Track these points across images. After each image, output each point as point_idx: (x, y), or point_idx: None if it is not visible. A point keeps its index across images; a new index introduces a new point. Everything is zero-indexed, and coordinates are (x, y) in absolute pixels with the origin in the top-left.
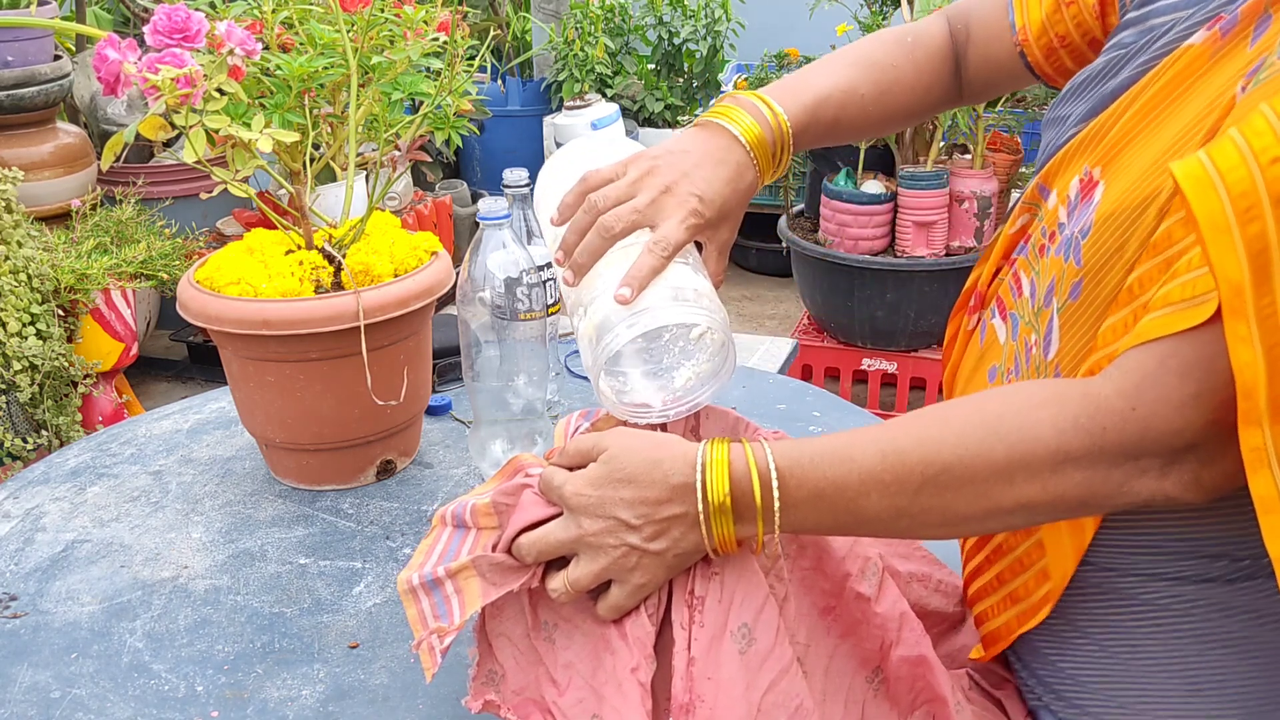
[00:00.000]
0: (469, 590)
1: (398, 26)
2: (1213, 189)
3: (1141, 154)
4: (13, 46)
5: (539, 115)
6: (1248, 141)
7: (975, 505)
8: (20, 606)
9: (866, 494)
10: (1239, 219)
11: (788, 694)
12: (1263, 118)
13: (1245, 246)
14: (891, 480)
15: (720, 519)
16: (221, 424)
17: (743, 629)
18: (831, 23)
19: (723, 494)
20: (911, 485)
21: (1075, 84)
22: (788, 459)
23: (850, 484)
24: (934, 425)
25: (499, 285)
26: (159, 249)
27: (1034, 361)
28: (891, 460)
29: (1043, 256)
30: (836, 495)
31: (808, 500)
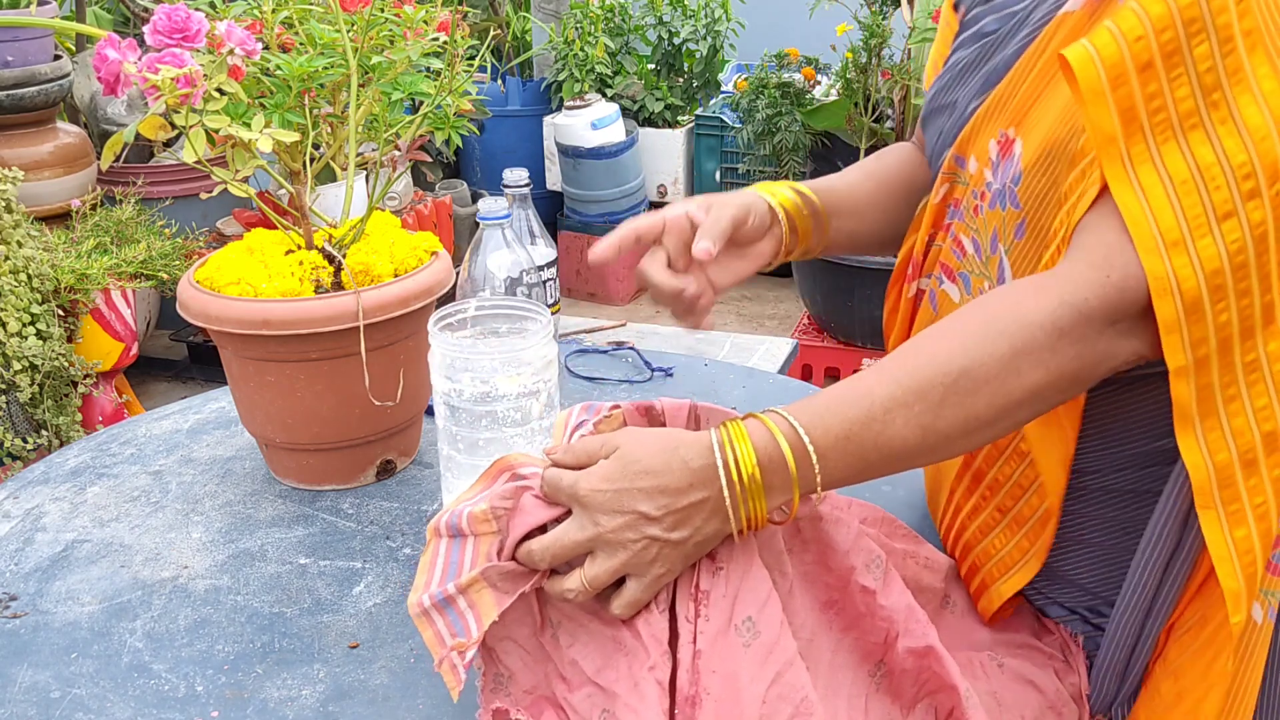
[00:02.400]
0: (483, 603)
1: (398, 26)
2: (1091, 62)
3: (1049, 107)
4: (13, 46)
5: (539, 115)
6: (1118, 26)
7: (994, 404)
8: (20, 606)
9: (892, 422)
10: (1111, 84)
11: (792, 687)
12: (1130, 10)
13: (1116, 104)
14: (915, 400)
15: (753, 493)
16: (221, 424)
17: (747, 622)
18: (831, 23)
19: (751, 466)
20: (934, 399)
21: (954, 74)
22: (806, 414)
23: (875, 417)
24: (939, 341)
25: (499, 285)
26: (159, 249)
27: None
28: (908, 383)
29: (978, 215)
30: (864, 432)
31: (836, 445)
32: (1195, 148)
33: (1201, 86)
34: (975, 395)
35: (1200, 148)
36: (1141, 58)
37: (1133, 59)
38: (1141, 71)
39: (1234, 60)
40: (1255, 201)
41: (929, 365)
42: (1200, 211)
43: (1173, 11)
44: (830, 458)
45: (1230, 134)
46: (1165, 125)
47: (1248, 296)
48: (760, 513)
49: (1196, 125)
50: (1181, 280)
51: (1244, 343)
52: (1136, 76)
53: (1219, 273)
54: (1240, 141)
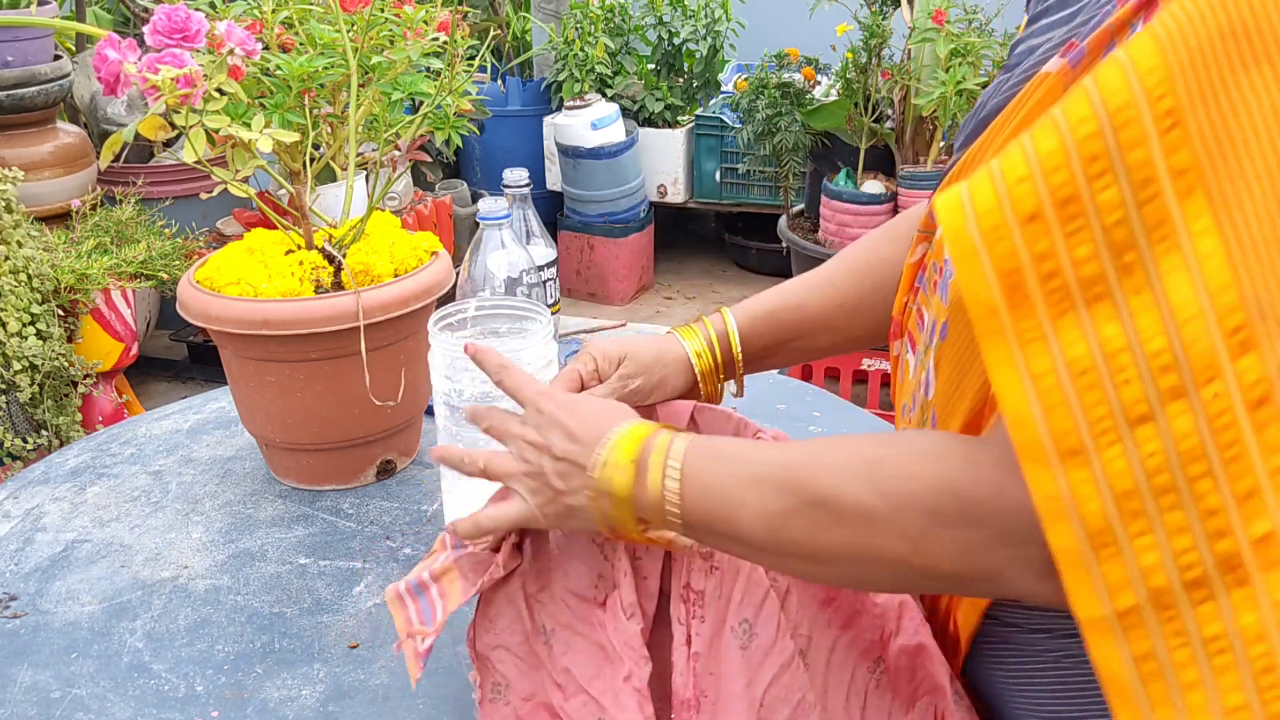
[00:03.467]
0: (452, 593)
1: (398, 26)
2: (960, 211)
3: None
4: (13, 46)
5: (539, 115)
6: (1000, 166)
7: (843, 547)
8: (20, 606)
9: (744, 503)
10: (985, 239)
11: (790, 688)
12: (1018, 146)
13: (994, 266)
14: (771, 494)
15: (614, 499)
16: (221, 424)
17: (744, 624)
18: (831, 23)
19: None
20: (787, 506)
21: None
22: (694, 452)
23: (737, 486)
24: (827, 452)
25: (499, 285)
26: (159, 249)
27: (920, 402)
28: (779, 474)
29: (934, 293)
30: (720, 497)
31: (693, 494)
32: (1100, 325)
33: (1109, 245)
34: (827, 529)
35: (1106, 326)
36: (1025, 206)
37: (1014, 208)
38: (1026, 224)
39: (1156, 210)
40: (1179, 404)
41: (803, 468)
42: (1106, 412)
43: (1067, 146)
44: (688, 504)
45: (1146, 308)
46: (1061, 295)
47: (1185, 535)
48: (623, 521)
49: (1103, 296)
50: (1081, 502)
51: (1198, 605)
52: (1020, 230)
53: (1132, 495)
54: (1159, 320)
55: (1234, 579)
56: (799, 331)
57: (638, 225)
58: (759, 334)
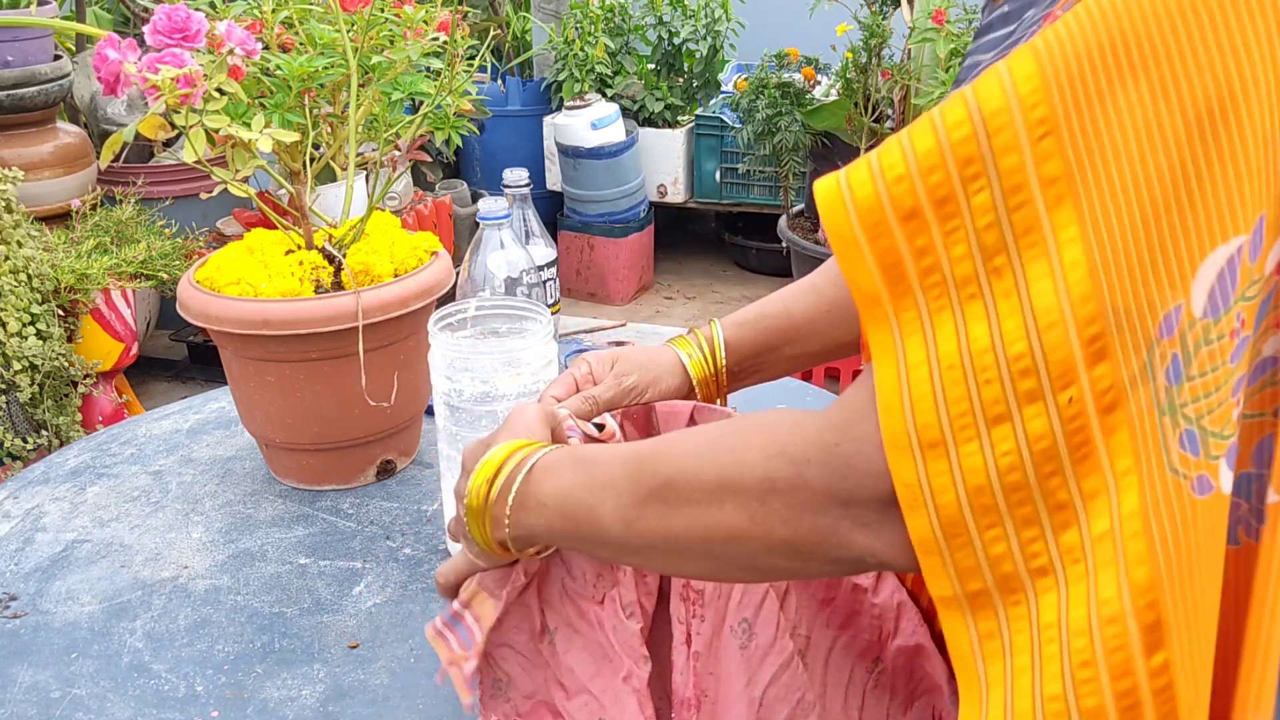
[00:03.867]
0: (484, 613)
1: (398, 26)
2: (841, 203)
3: None
4: (13, 46)
5: (539, 115)
6: (879, 161)
7: (691, 529)
8: (20, 606)
9: (603, 501)
10: (866, 233)
11: (789, 687)
12: (897, 142)
13: (875, 259)
14: (626, 487)
15: (473, 515)
16: (221, 424)
17: (743, 624)
18: (831, 23)
19: (478, 482)
20: (640, 494)
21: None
22: (556, 460)
23: (593, 486)
24: (676, 438)
25: (499, 285)
26: (159, 249)
27: None
28: (631, 465)
29: None
30: (580, 499)
31: (555, 503)
32: (971, 324)
33: (981, 247)
34: (675, 511)
35: (976, 325)
36: (904, 204)
37: (893, 205)
38: (905, 221)
39: (1026, 216)
40: (1035, 407)
41: (650, 457)
42: (966, 409)
43: (944, 148)
44: (546, 511)
45: (1011, 312)
46: (940, 289)
47: (1033, 527)
48: (485, 539)
49: (975, 295)
50: (937, 493)
51: (1042, 593)
52: (900, 226)
53: (983, 491)
54: (1021, 324)
55: (1075, 573)
56: (787, 337)
57: (638, 225)
58: (747, 340)
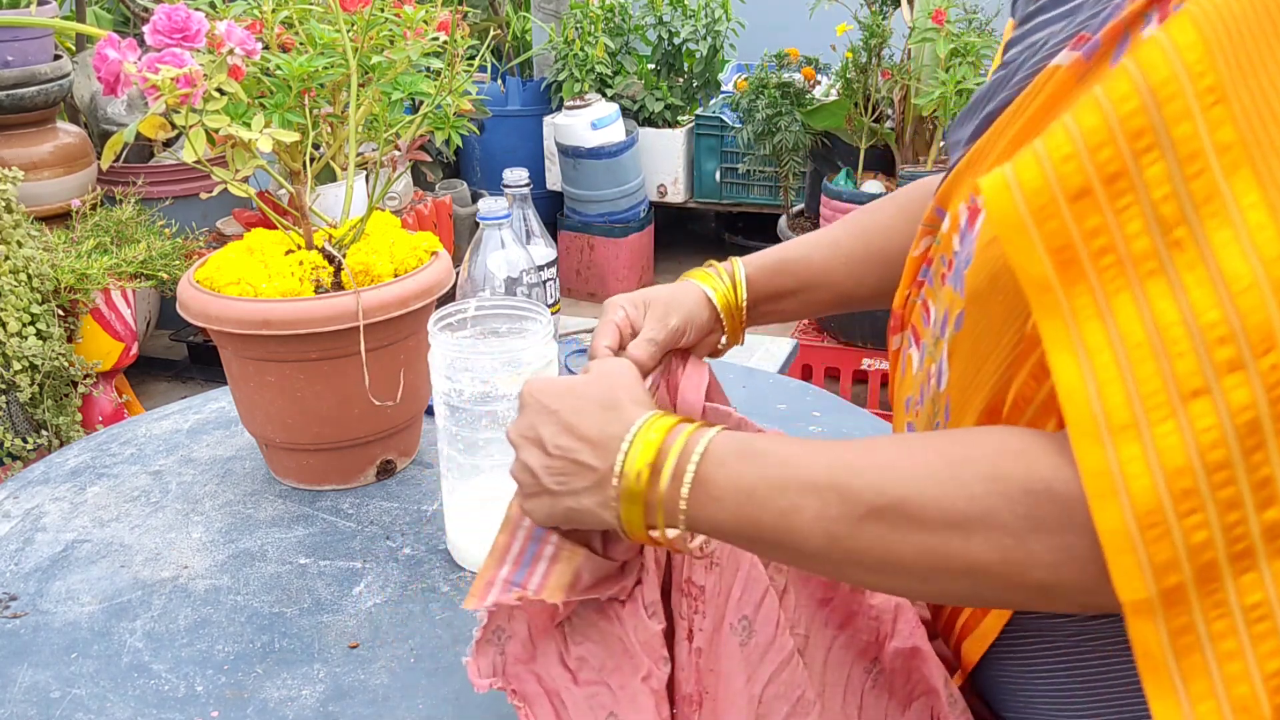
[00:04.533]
0: (561, 571)
1: (398, 26)
2: (1008, 190)
3: None
4: (13, 46)
5: (539, 115)
6: (1044, 146)
7: (920, 555)
8: (20, 606)
9: (799, 509)
10: (1035, 217)
11: (789, 685)
12: (1060, 125)
13: (1044, 242)
14: (834, 499)
15: (630, 497)
16: (221, 424)
17: (743, 621)
18: (831, 23)
19: (641, 465)
20: (855, 511)
21: (969, 104)
22: (723, 449)
23: (788, 490)
24: (894, 451)
25: (499, 285)
26: (159, 249)
27: (931, 392)
28: (840, 476)
29: (943, 285)
30: (767, 499)
31: (733, 497)
32: (1154, 300)
33: (1159, 220)
34: (902, 534)
35: (1160, 300)
36: (1073, 183)
37: (1061, 185)
38: (1075, 201)
39: (1205, 184)
40: (1237, 376)
41: (870, 472)
42: (1159, 386)
43: (1111, 123)
44: (723, 505)
45: (1200, 282)
46: (1116, 270)
47: (1236, 509)
48: (635, 522)
49: (1156, 271)
50: (1130, 479)
51: (1239, 575)
52: (1069, 208)
53: (1184, 473)
54: (1213, 293)
55: (1275, 548)
56: (803, 283)
57: (638, 225)
58: (766, 281)
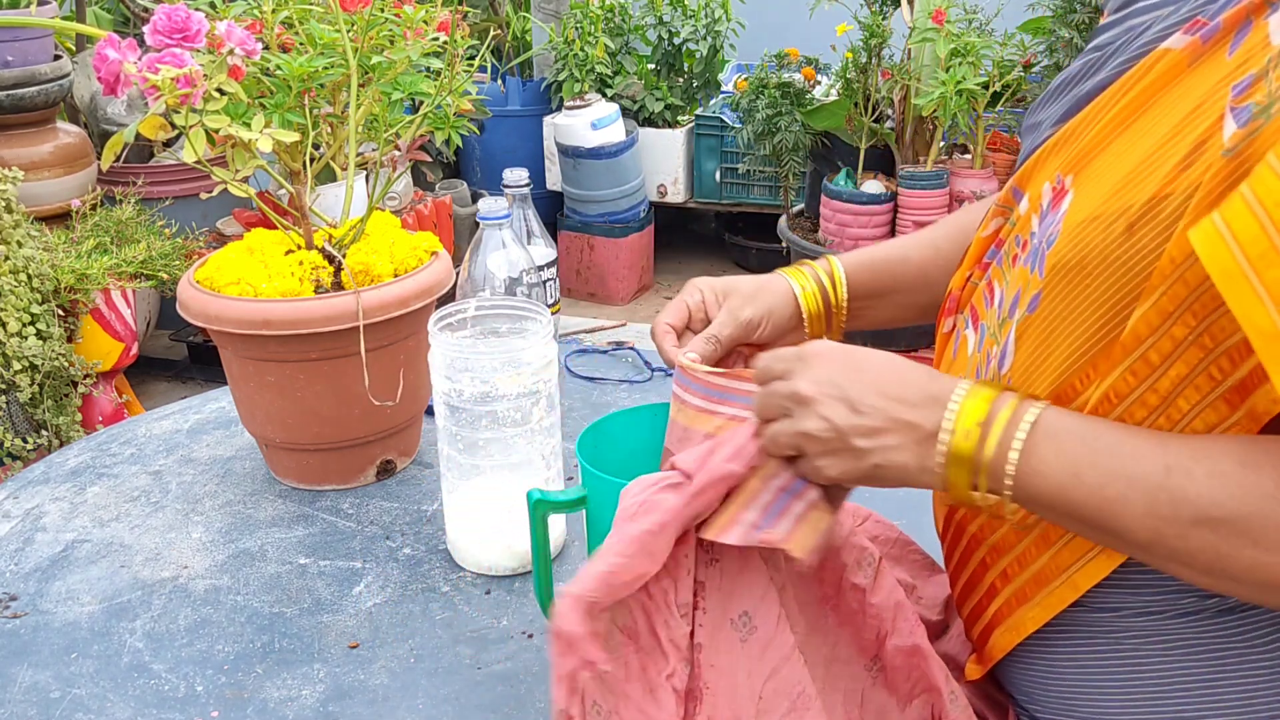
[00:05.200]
0: (808, 531)
1: (398, 26)
2: (1222, 241)
3: (1115, 163)
4: (13, 46)
5: (539, 115)
6: (1254, 192)
7: (1253, 569)
8: (20, 606)
9: (1127, 501)
10: (1254, 265)
11: (789, 681)
12: (1269, 169)
13: (1270, 292)
14: (1165, 500)
15: (958, 458)
16: (221, 424)
17: (743, 617)
18: (831, 23)
19: (970, 423)
20: (1186, 516)
21: (1053, 87)
22: (1055, 424)
23: (1117, 480)
24: (1230, 462)
25: (499, 285)
26: (159, 249)
27: (989, 374)
28: (1174, 479)
29: (1014, 266)
30: (1095, 484)
31: (1058, 475)
32: None
33: None
34: (1238, 549)
35: None
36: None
37: (1278, 230)
38: None
39: None
40: None
41: (1206, 481)
42: None
43: None
44: (1050, 482)
45: None
46: None
47: None
48: (961, 483)
49: None
50: None
51: None
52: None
53: None
54: None
55: None
56: (900, 285)
57: (638, 225)
58: (864, 281)
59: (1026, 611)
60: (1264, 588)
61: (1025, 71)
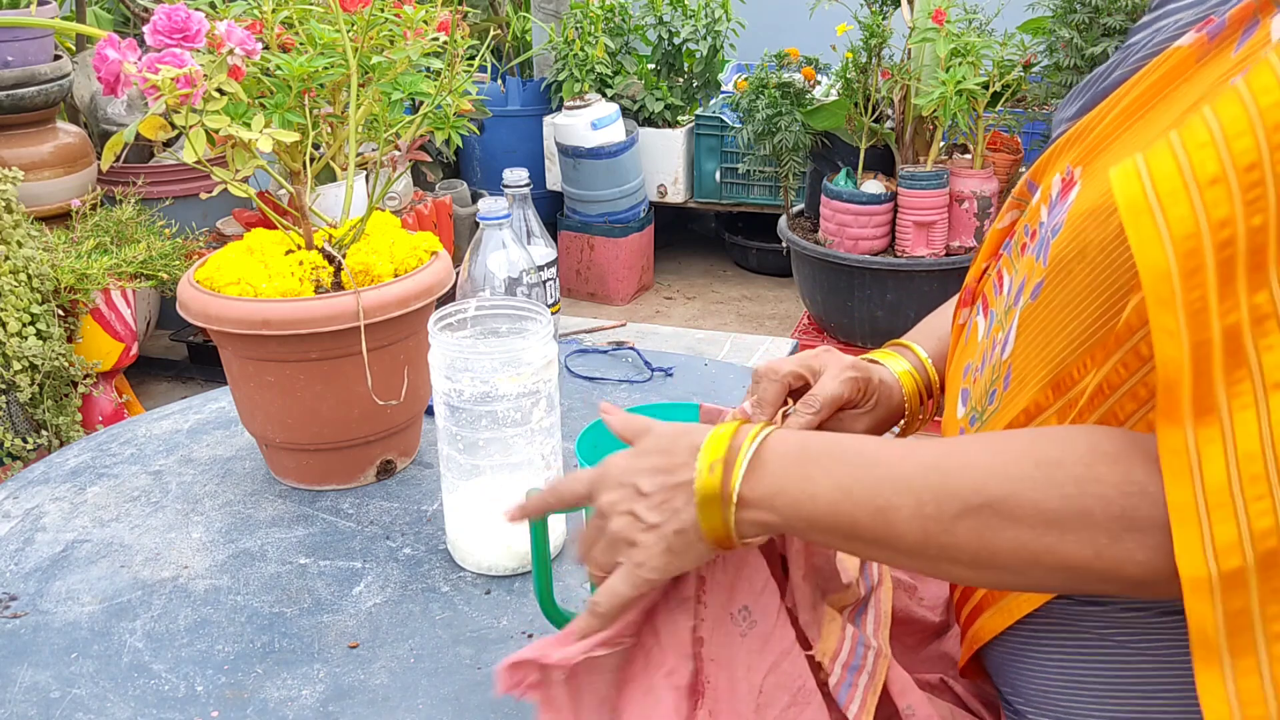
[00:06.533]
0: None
1: (398, 26)
2: (1136, 176)
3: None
4: (13, 46)
5: (539, 115)
6: (1180, 135)
7: (1015, 551)
8: (20, 606)
9: (896, 507)
10: (1161, 202)
11: (789, 675)
12: (1200, 116)
13: (1169, 230)
14: (929, 499)
15: (706, 500)
16: (221, 424)
17: (743, 611)
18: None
19: (710, 459)
20: (951, 510)
21: (1081, 85)
22: (801, 444)
23: (883, 490)
24: (985, 453)
25: (499, 285)
26: (159, 249)
27: (994, 361)
28: (934, 478)
29: (1022, 255)
30: (865, 498)
31: (828, 494)
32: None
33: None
34: (997, 532)
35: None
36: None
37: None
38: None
39: None
40: None
41: (962, 472)
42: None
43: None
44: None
45: None
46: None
47: None
48: (716, 523)
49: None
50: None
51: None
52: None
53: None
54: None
55: None
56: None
57: (638, 225)
58: (939, 351)
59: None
60: (1029, 568)
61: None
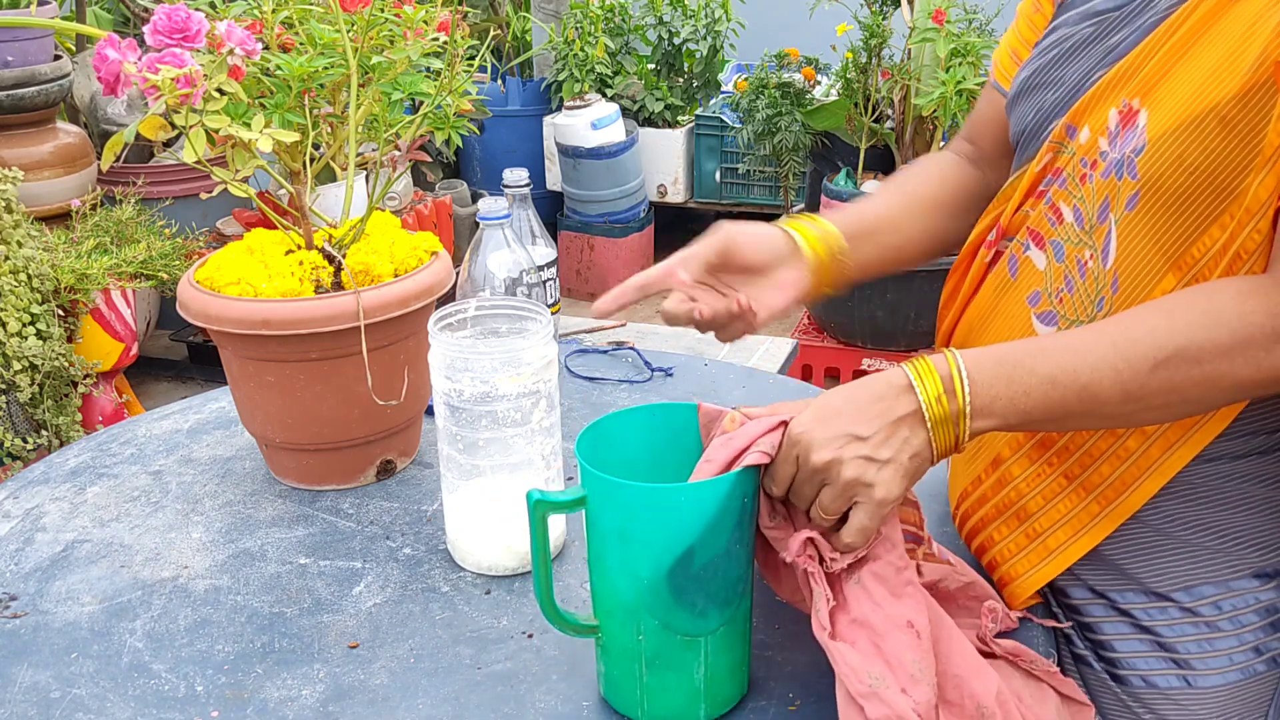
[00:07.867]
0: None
1: (398, 26)
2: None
3: (1182, 81)
4: (13, 46)
5: (539, 115)
6: None
7: (1198, 383)
8: (20, 606)
9: (1099, 380)
10: None
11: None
12: None
13: None
14: (1124, 366)
15: (939, 422)
16: (221, 424)
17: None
18: (831, 23)
19: (934, 392)
20: (1144, 368)
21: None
22: (996, 357)
23: (1083, 370)
24: (1159, 317)
25: (499, 285)
26: (159, 249)
27: (1091, 273)
28: (1123, 347)
29: (1084, 184)
30: (1069, 381)
31: (1040, 387)
32: None
33: None
34: (1184, 374)
35: None
36: None
37: None
38: None
39: None
40: None
41: (1147, 337)
42: None
43: None
44: (1031, 397)
45: None
46: None
47: None
48: (950, 439)
49: None
50: None
51: None
52: None
53: None
54: None
55: None
56: (869, 231)
57: (638, 225)
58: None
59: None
60: (1209, 394)
61: None
